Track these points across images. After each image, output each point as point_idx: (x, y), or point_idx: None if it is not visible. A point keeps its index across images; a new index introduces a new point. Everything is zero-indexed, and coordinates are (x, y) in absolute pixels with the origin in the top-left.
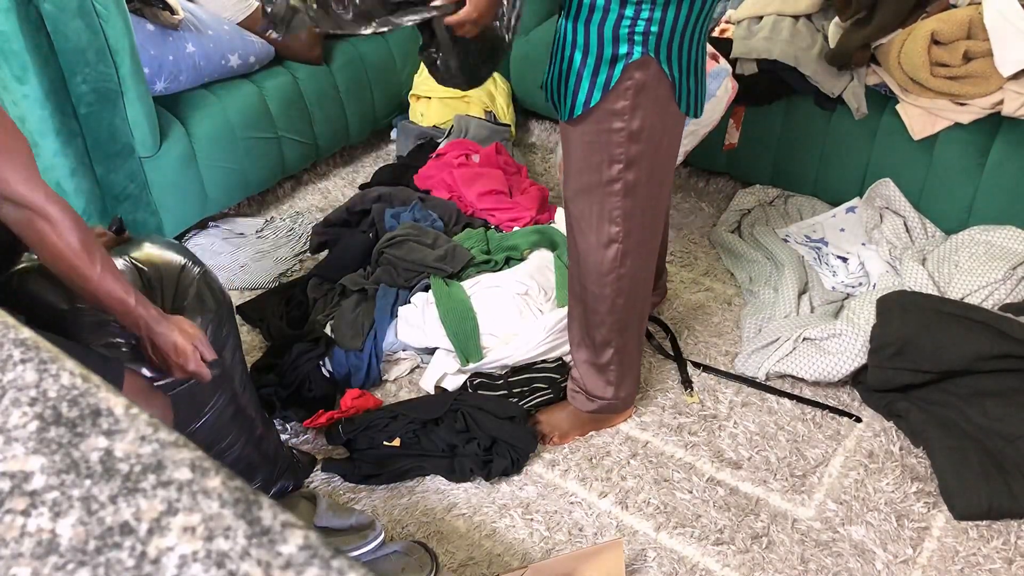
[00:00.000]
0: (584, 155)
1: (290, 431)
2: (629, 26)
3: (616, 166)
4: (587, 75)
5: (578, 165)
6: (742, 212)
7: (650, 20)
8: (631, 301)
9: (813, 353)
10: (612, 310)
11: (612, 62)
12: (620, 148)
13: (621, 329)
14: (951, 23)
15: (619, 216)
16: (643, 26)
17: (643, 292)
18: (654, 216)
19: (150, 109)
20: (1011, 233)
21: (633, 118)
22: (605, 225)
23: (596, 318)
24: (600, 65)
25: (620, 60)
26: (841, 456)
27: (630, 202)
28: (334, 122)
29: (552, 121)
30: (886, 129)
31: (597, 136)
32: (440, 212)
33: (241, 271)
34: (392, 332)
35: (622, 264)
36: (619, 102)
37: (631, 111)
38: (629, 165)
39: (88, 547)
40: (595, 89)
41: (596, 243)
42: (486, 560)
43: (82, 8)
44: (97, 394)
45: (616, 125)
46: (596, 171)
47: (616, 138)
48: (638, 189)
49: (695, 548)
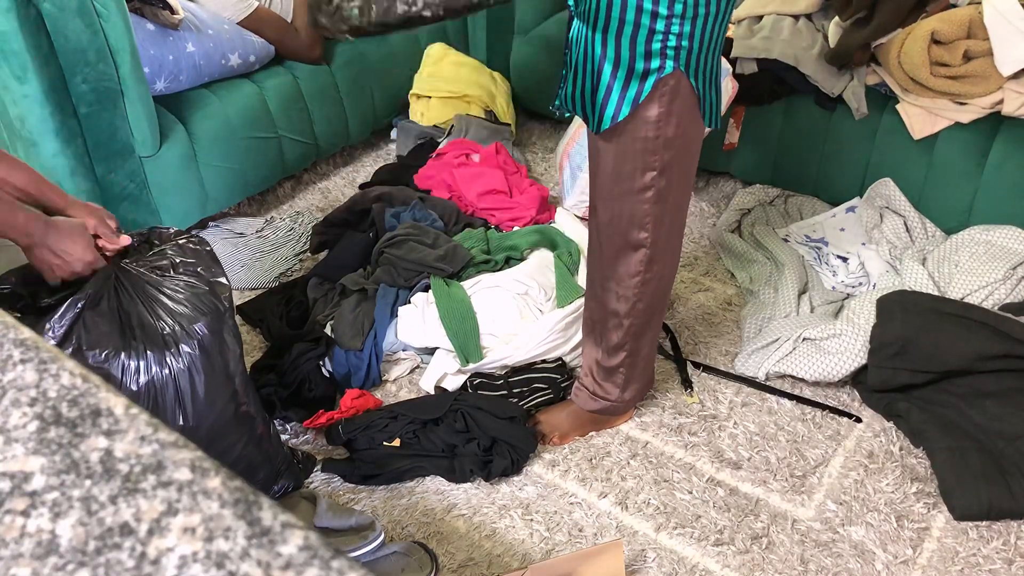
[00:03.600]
0: (616, 165)
1: (290, 431)
2: (661, 40)
3: (650, 173)
4: (617, 88)
5: (610, 174)
6: (742, 212)
7: (680, 35)
8: (651, 306)
9: (813, 353)
10: (631, 314)
11: (643, 76)
12: (655, 156)
13: (637, 334)
14: (951, 23)
15: (649, 222)
16: (675, 40)
17: (663, 297)
18: (681, 221)
19: (150, 109)
20: (1011, 233)
21: (668, 125)
22: (635, 231)
23: (614, 321)
24: (631, 79)
25: (652, 74)
26: (841, 456)
27: (660, 208)
28: (334, 122)
29: (552, 121)
30: (886, 129)
31: (631, 145)
32: (440, 212)
33: (241, 271)
34: (392, 332)
35: (648, 269)
36: (653, 110)
37: (666, 118)
38: (662, 172)
39: (88, 547)
40: (625, 103)
41: (624, 248)
42: (486, 561)
43: (82, 8)
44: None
45: (651, 133)
46: (629, 179)
47: (651, 146)
48: (669, 195)
49: (695, 548)
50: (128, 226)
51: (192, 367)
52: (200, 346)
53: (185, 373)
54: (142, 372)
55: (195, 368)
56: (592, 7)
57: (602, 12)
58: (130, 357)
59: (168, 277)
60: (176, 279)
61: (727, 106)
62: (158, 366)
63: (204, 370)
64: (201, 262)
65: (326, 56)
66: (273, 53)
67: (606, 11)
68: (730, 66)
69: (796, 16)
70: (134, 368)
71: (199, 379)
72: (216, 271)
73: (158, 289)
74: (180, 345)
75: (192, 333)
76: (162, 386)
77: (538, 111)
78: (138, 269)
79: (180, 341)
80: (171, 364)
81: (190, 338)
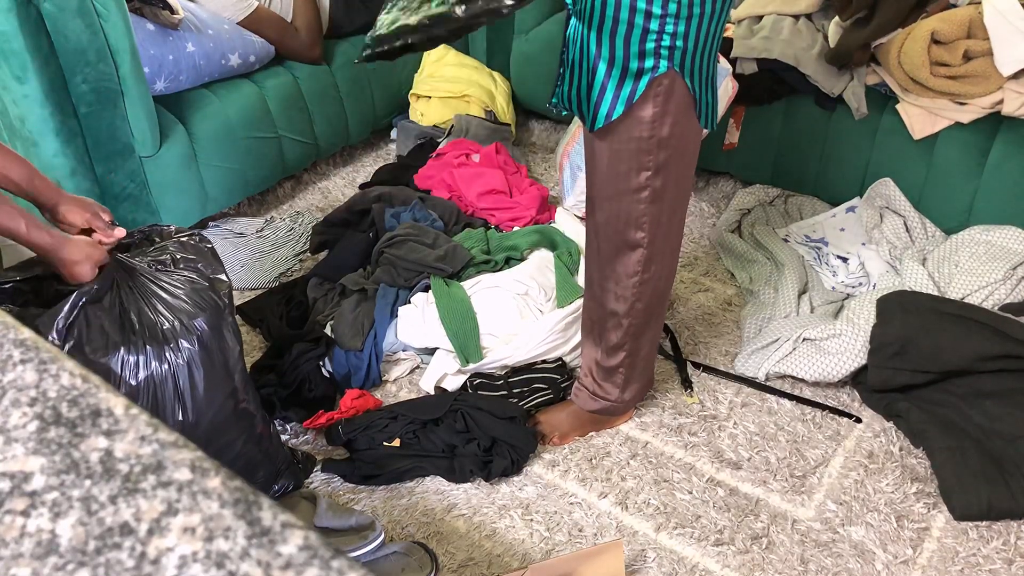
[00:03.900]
0: (611, 164)
1: (290, 431)
2: (655, 39)
3: (644, 173)
4: (611, 87)
5: (606, 173)
6: (742, 212)
7: (675, 35)
8: (651, 306)
9: (813, 353)
10: (630, 314)
11: (637, 76)
12: (649, 156)
13: (637, 334)
14: (951, 23)
15: (646, 222)
16: (668, 40)
17: (662, 298)
18: (679, 222)
19: (150, 109)
20: (1011, 233)
21: (663, 125)
22: (632, 231)
23: (613, 320)
24: (625, 78)
25: (645, 74)
26: (841, 456)
27: (656, 208)
28: (334, 122)
29: (552, 121)
30: (886, 129)
31: (626, 145)
32: (440, 212)
33: (241, 271)
34: (392, 332)
35: (646, 269)
36: (647, 110)
37: (661, 118)
38: (657, 172)
39: (88, 547)
40: (619, 102)
41: (621, 247)
42: (486, 561)
43: (82, 8)
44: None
45: (645, 133)
46: (624, 179)
47: (645, 146)
48: (665, 195)
49: (695, 549)
50: (128, 226)
51: (191, 362)
52: (200, 342)
53: (184, 368)
54: (142, 367)
55: (194, 363)
56: (588, 6)
57: (597, 11)
58: (130, 352)
59: (168, 272)
60: (176, 275)
61: (727, 106)
62: (157, 361)
63: (203, 365)
64: (201, 258)
65: (326, 56)
66: (273, 53)
67: (601, 10)
68: (730, 66)
69: (796, 16)
70: (133, 363)
71: (198, 374)
72: (216, 268)
73: (158, 284)
74: (180, 340)
75: (192, 329)
76: (161, 381)
77: (538, 111)
78: (139, 264)
79: (180, 337)
80: (171, 359)
81: (190, 333)
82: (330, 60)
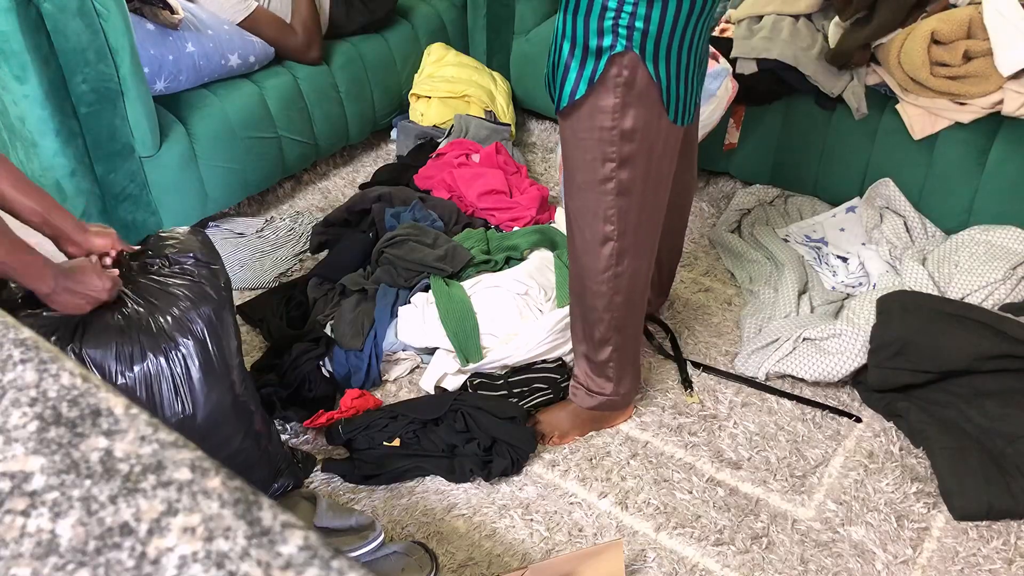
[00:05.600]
0: (579, 152)
1: (290, 431)
2: (613, 18)
3: (609, 164)
4: (575, 66)
5: (573, 162)
6: (742, 212)
7: (634, 15)
8: (629, 299)
9: (813, 353)
10: (609, 307)
11: (597, 54)
12: (612, 147)
13: (619, 327)
14: (951, 23)
15: (613, 215)
16: (627, 19)
17: (641, 291)
18: (652, 217)
19: (150, 109)
20: (1011, 233)
21: (624, 117)
22: (600, 223)
23: (594, 315)
24: (587, 57)
25: (604, 53)
26: (841, 456)
27: (625, 201)
28: (334, 122)
29: (552, 121)
30: (886, 129)
31: (589, 133)
32: (440, 212)
33: (241, 271)
34: (392, 332)
35: (619, 263)
36: (609, 99)
37: (621, 109)
38: (622, 164)
39: (88, 547)
40: (581, 81)
41: (592, 240)
42: (486, 560)
43: (82, 8)
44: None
45: (607, 123)
46: (590, 169)
47: (607, 136)
48: (633, 189)
49: (695, 548)
50: (128, 226)
51: (189, 355)
52: (197, 334)
53: (182, 361)
54: (139, 360)
55: (191, 356)
56: None
57: None
58: (127, 345)
59: (165, 266)
60: (173, 268)
61: (727, 106)
62: (154, 354)
63: (201, 358)
64: (198, 252)
65: (325, 56)
66: (273, 54)
67: None
68: (730, 66)
69: (796, 16)
70: (130, 356)
71: (195, 367)
72: (213, 260)
73: (155, 277)
74: (176, 334)
75: (189, 321)
76: (158, 374)
77: (538, 111)
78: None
79: (177, 330)
80: (168, 352)
81: (187, 326)
82: (330, 60)
